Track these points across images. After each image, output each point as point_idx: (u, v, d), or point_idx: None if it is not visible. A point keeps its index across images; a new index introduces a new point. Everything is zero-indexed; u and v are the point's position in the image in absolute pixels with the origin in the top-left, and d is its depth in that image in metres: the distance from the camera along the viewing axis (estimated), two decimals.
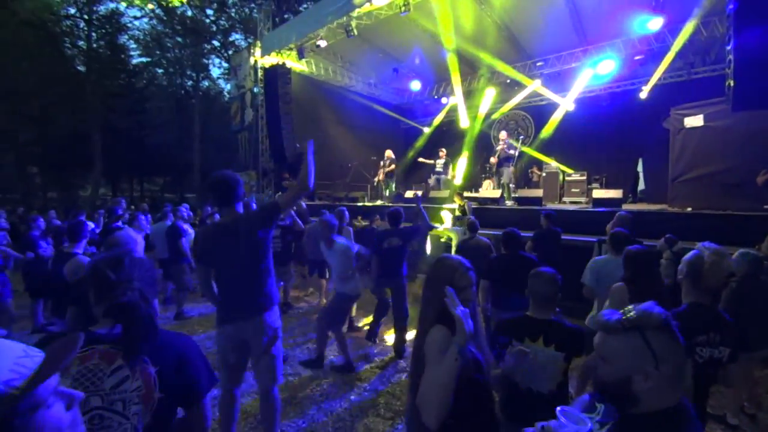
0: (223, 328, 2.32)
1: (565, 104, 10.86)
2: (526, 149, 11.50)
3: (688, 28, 8.09)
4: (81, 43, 21.37)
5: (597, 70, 9.91)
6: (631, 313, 0.93)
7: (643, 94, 9.33)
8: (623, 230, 3.30)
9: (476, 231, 4.52)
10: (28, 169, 21.00)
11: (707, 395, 1.87)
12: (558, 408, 1.04)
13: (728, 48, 5.67)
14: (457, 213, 6.93)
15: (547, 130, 11.37)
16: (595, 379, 1.02)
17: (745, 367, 2.77)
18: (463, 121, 11.89)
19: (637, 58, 9.64)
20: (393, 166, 10.16)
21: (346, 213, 5.58)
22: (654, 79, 9.14)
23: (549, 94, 11.16)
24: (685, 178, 6.41)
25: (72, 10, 20.46)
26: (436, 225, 6.21)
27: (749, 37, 5.17)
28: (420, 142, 14.09)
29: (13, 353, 0.80)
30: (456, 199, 7.30)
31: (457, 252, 4.83)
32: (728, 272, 1.86)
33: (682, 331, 1.68)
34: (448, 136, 13.34)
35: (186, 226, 6.65)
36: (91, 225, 4.17)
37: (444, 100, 13.49)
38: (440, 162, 10.02)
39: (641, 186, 9.84)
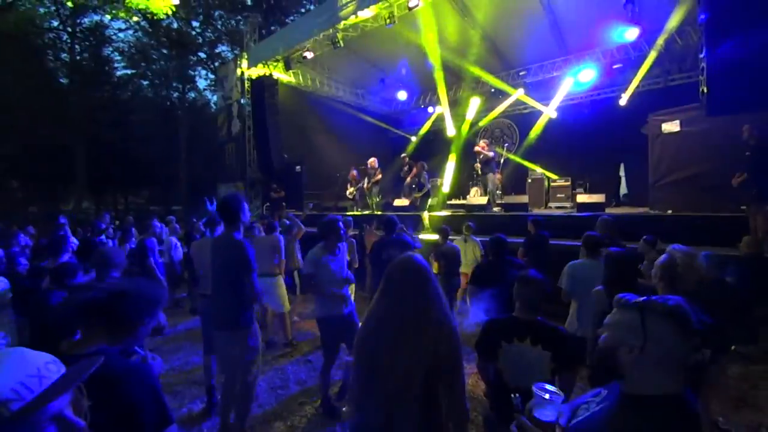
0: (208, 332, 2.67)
1: (548, 112, 11.12)
2: (511, 156, 11.69)
3: (662, 39, 8.41)
4: (64, 55, 21.10)
5: (578, 79, 10.20)
6: (648, 298, 1.00)
7: (623, 101, 9.60)
8: (596, 234, 3.37)
9: (447, 237, 5.12)
10: (9, 182, 20.51)
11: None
12: (534, 385, 1.18)
13: (701, 56, 5.90)
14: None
15: (532, 138, 11.61)
16: (595, 348, 1.10)
17: (723, 369, 2.80)
18: (450, 130, 12.06)
19: (615, 66, 9.96)
20: (379, 176, 10.18)
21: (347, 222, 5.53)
22: (632, 87, 9.42)
23: (532, 102, 11.42)
24: (665, 182, 6.59)
25: (55, 23, 20.24)
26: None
27: (720, 46, 5.39)
28: (407, 151, 14.20)
29: (24, 370, 0.77)
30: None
31: (429, 256, 4.88)
32: (701, 272, 1.89)
33: None
34: (435, 145, 13.49)
35: (174, 240, 6.59)
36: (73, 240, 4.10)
37: (430, 109, 13.70)
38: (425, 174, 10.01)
39: (623, 190, 10.06)
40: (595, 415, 1.02)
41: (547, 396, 1.14)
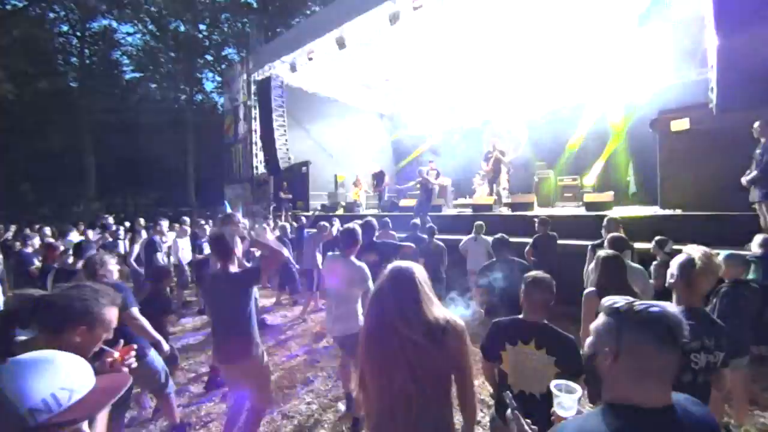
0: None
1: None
2: (518, 155, 11.64)
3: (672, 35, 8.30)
4: (74, 59, 21.47)
5: None
6: (628, 302, 0.94)
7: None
8: (621, 236, 3.33)
9: (434, 235, 5.18)
10: (20, 185, 20.84)
11: (706, 404, 1.81)
12: (552, 383, 1.21)
13: (710, 52, 5.82)
14: None
15: (540, 137, 11.53)
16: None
17: (740, 372, 2.73)
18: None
19: None
20: (387, 181, 10.20)
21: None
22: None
23: None
24: (674, 181, 6.51)
25: (65, 27, 20.58)
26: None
27: (730, 42, 5.31)
28: (415, 152, 14.20)
29: (59, 380, 0.75)
30: None
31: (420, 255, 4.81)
32: (718, 274, 1.83)
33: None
34: (443, 144, 13.48)
35: (184, 242, 6.62)
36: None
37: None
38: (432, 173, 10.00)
39: (632, 189, 9.95)
40: (578, 420, 0.99)
41: (563, 393, 1.18)
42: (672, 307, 0.91)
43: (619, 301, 0.96)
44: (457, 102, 13.10)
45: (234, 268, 2.62)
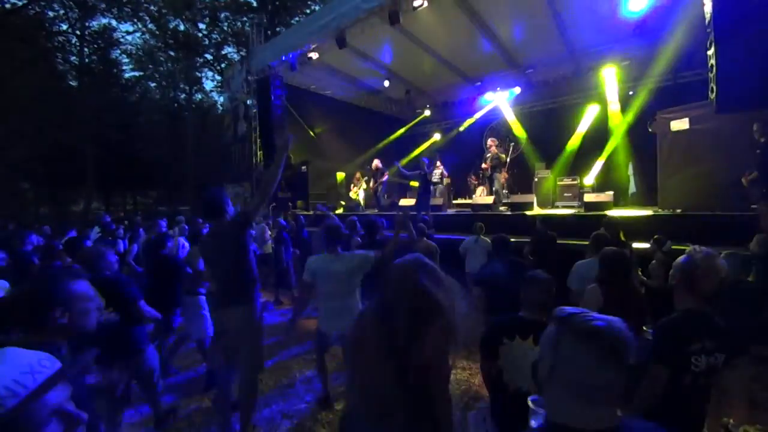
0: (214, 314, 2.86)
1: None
2: (517, 155, 11.66)
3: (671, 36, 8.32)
4: (73, 58, 21.41)
5: None
6: (570, 312, 0.87)
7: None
8: (603, 233, 3.36)
9: (424, 234, 5.19)
10: (20, 184, 20.82)
11: (704, 409, 1.79)
12: (530, 397, 1.16)
13: (710, 53, 5.83)
14: None
15: (539, 136, 11.54)
16: None
17: (740, 371, 2.74)
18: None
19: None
20: (386, 176, 10.19)
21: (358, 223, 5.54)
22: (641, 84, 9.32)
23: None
24: (674, 181, 6.51)
25: (64, 26, 20.52)
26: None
27: (730, 43, 5.32)
28: (415, 151, 14.21)
29: (17, 368, 0.80)
30: None
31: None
32: (722, 275, 1.80)
33: (673, 341, 1.66)
34: (442, 143, 13.50)
35: (182, 240, 6.61)
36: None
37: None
38: (437, 172, 9.99)
39: (632, 189, 9.96)
40: None
41: (539, 407, 1.13)
42: (620, 322, 0.82)
43: (567, 310, 0.88)
44: (457, 101, 13.11)
45: (228, 218, 2.75)
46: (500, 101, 12.00)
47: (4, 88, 17.16)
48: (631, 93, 9.52)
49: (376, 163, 10.23)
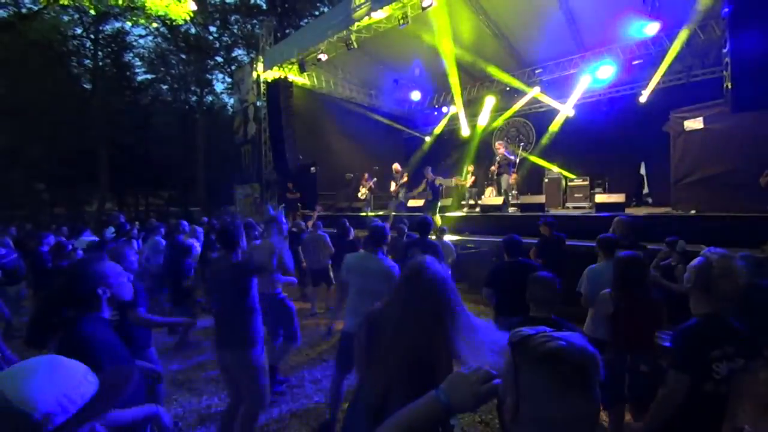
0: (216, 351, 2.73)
1: (565, 110, 10.93)
2: (528, 155, 11.57)
3: (684, 33, 8.18)
4: (87, 61, 21.85)
5: (596, 76, 9.97)
6: (526, 334, 0.73)
7: (643, 98, 9.35)
8: (611, 235, 3.31)
9: (403, 234, 5.35)
10: (36, 185, 21.29)
11: (723, 417, 1.71)
12: None
13: (725, 51, 5.73)
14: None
15: (548, 136, 11.44)
16: None
17: (755, 375, 2.68)
18: (464, 130, 12.02)
19: (635, 62, 9.73)
20: (406, 178, 10.18)
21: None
22: (653, 83, 9.16)
23: (548, 101, 11.24)
24: (688, 181, 6.41)
25: (78, 30, 20.94)
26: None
27: (745, 39, 5.23)
28: (421, 152, 14.20)
29: (68, 381, 0.76)
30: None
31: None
32: (740, 277, 1.73)
33: (694, 348, 1.62)
34: (450, 145, 13.46)
35: (191, 242, 6.68)
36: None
37: (444, 109, 13.65)
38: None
39: (645, 189, 9.82)
40: None
41: None
42: (579, 338, 0.71)
43: (522, 332, 0.74)
44: (466, 101, 13.05)
45: (237, 257, 2.72)
46: (510, 102, 11.91)
47: (21, 91, 17.58)
48: (643, 92, 9.37)
49: (396, 166, 10.28)
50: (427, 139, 14.42)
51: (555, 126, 11.28)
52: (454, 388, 0.85)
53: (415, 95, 13.34)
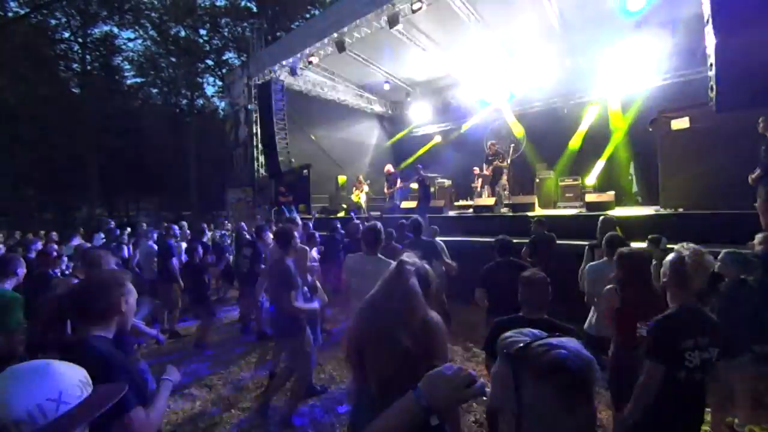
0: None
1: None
2: (518, 156, 11.65)
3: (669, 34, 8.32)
4: (75, 65, 21.58)
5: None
6: (522, 344, 0.72)
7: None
8: (618, 234, 3.35)
9: (391, 238, 5.26)
10: (24, 191, 20.96)
11: (701, 404, 1.82)
12: None
13: (709, 51, 5.82)
14: None
15: (539, 136, 11.53)
16: None
17: (743, 370, 2.73)
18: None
19: None
20: (399, 181, 10.17)
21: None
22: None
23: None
24: (676, 180, 6.50)
25: (66, 34, 20.71)
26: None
27: (728, 41, 5.30)
28: (416, 153, 14.23)
29: (46, 392, 0.74)
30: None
31: None
32: (710, 270, 1.86)
33: (667, 338, 1.68)
34: (445, 146, 13.52)
35: (184, 245, 6.62)
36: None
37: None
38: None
39: (633, 188, 9.94)
40: None
41: None
42: (574, 342, 0.71)
43: (516, 339, 0.73)
44: (457, 102, 13.14)
45: (289, 258, 3.23)
46: (500, 102, 11.99)
47: (8, 95, 17.32)
48: (631, 92, 9.50)
49: (389, 168, 10.27)
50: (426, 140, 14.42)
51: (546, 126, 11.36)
52: (433, 389, 0.82)
53: (408, 96, 13.39)
